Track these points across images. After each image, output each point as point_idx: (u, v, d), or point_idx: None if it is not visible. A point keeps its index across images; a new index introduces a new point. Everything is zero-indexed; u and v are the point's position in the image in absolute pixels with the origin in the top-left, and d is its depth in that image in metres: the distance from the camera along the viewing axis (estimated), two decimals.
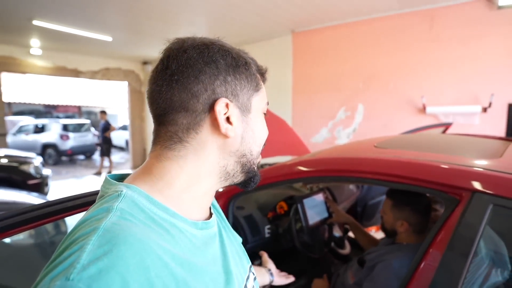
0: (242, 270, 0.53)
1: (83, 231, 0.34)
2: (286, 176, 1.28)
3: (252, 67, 0.48)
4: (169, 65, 0.44)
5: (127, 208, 0.38)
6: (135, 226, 0.36)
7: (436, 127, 2.58)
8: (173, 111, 0.44)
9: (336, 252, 1.80)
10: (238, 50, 0.48)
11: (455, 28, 3.14)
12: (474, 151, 1.16)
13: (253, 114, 0.48)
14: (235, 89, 0.45)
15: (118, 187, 0.41)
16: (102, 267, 0.30)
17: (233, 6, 3.50)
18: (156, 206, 0.41)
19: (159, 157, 0.45)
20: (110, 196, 0.40)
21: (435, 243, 0.88)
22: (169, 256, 0.36)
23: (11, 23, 4.24)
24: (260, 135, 0.50)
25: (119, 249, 0.32)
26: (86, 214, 0.39)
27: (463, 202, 0.86)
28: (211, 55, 0.44)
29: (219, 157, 0.46)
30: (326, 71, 4.08)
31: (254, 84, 0.48)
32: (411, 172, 0.95)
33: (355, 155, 1.14)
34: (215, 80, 0.44)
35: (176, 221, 0.42)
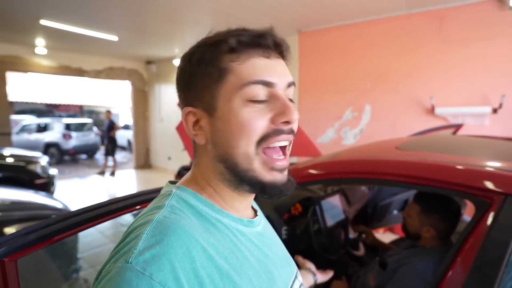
0: (289, 273, 0.53)
1: (140, 223, 0.39)
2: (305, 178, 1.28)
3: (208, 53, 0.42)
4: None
5: (176, 204, 0.42)
6: (184, 219, 0.39)
7: (447, 128, 2.57)
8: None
9: (351, 254, 1.80)
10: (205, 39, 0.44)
11: (465, 29, 3.13)
12: (498, 153, 1.15)
13: (220, 111, 0.42)
14: (196, 91, 0.43)
15: (170, 188, 0.46)
16: (155, 253, 0.34)
17: (239, 5, 3.49)
18: (202, 203, 0.44)
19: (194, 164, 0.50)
20: (163, 195, 0.45)
21: (465, 248, 0.87)
22: (214, 249, 0.39)
23: (18, 22, 4.23)
24: (234, 132, 0.41)
25: (169, 239, 0.35)
26: (144, 210, 0.44)
27: (495, 205, 0.85)
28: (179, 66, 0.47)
29: (212, 164, 0.45)
30: (333, 71, 4.06)
31: (215, 74, 0.41)
32: (439, 175, 0.94)
33: (379, 157, 1.14)
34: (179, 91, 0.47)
35: (221, 217, 0.44)
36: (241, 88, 0.41)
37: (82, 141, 9.60)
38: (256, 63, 0.42)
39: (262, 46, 0.42)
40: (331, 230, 1.48)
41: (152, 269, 0.32)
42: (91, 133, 9.99)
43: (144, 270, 0.32)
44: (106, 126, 7.27)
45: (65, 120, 9.75)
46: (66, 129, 9.33)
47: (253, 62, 0.41)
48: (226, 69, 0.41)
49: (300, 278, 0.57)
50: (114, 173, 7.24)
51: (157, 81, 7.36)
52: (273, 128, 0.42)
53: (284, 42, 0.45)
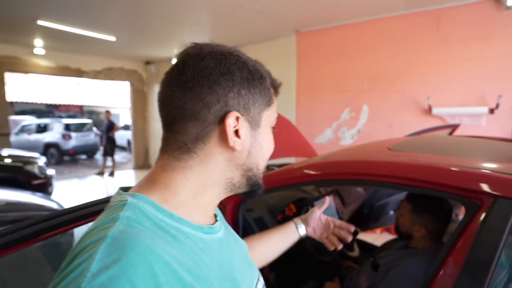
0: (251, 276, 0.53)
1: (91, 240, 0.35)
2: (298, 179, 1.27)
3: (267, 81, 0.48)
4: (184, 71, 0.43)
5: (133, 215, 0.39)
6: (143, 233, 0.37)
7: (443, 129, 2.56)
8: (184, 119, 0.44)
9: (346, 255, 1.79)
10: (255, 63, 0.48)
11: (462, 29, 3.12)
12: (492, 154, 1.14)
13: (262, 128, 0.48)
14: (248, 103, 0.45)
15: (123, 197, 0.42)
16: (113, 274, 0.30)
17: (237, 6, 3.49)
18: (161, 213, 0.41)
19: (164, 167, 0.45)
20: (116, 206, 0.41)
21: (455, 249, 0.87)
22: (177, 262, 0.37)
23: (16, 23, 4.23)
24: (267, 149, 0.50)
25: (129, 256, 0.32)
26: (93, 224, 0.39)
27: (485, 207, 0.84)
28: (228, 66, 0.44)
29: (225, 169, 0.46)
30: (331, 72, 4.06)
31: (267, 98, 0.48)
32: (430, 176, 0.94)
33: (370, 158, 1.13)
34: (229, 92, 0.43)
35: (182, 226, 0.42)
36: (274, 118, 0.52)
37: (82, 141, 9.61)
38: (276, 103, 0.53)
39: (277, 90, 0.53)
40: None
41: None
42: (90, 134, 10.00)
43: None
44: (105, 126, 7.27)
45: (65, 121, 9.77)
46: (65, 130, 9.34)
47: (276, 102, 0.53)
48: (272, 100, 0.50)
49: (261, 279, 0.58)
50: (113, 174, 7.24)
51: (156, 81, 7.37)
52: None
53: None
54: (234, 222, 1.43)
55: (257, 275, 0.56)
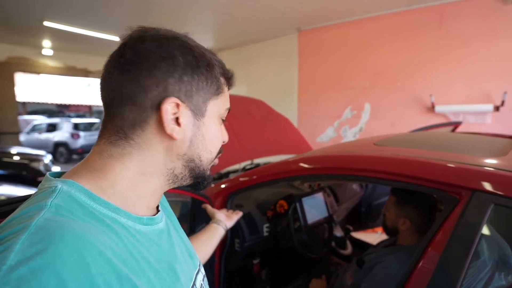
0: (191, 267, 0.52)
1: (10, 230, 0.31)
2: (283, 174, 1.27)
3: (216, 69, 0.46)
4: (124, 53, 0.42)
5: (63, 203, 0.36)
6: (74, 222, 0.34)
7: (445, 126, 2.51)
8: (120, 103, 0.41)
9: (338, 253, 1.77)
10: (204, 50, 0.46)
11: (466, 24, 3.05)
12: (478, 149, 1.11)
13: (207, 118, 0.46)
14: (190, 90, 0.43)
15: (53, 183, 0.38)
16: (35, 267, 0.28)
17: (239, 4, 3.49)
18: (95, 202, 0.39)
19: (102, 154, 0.43)
20: (43, 192, 0.37)
21: (433, 243, 0.85)
22: (112, 253, 0.34)
23: (23, 24, 4.34)
24: (212, 141, 0.48)
25: (56, 247, 0.30)
26: (15, 212, 0.35)
27: (463, 201, 0.82)
28: (170, 50, 0.42)
29: (165, 159, 0.44)
30: (332, 70, 4.03)
31: (215, 87, 0.46)
32: (408, 170, 0.92)
33: (354, 152, 1.12)
34: (170, 77, 0.41)
35: (118, 217, 0.40)
36: (224, 109, 0.50)
37: (90, 140, 9.77)
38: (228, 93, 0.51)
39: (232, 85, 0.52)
40: (313, 228, 1.46)
41: (31, 286, 0.27)
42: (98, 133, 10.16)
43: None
44: None
45: (74, 120, 9.96)
46: (74, 129, 9.52)
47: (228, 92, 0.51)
48: (222, 90, 0.48)
49: (202, 270, 0.57)
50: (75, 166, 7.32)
51: None
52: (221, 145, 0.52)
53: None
54: None
55: (198, 266, 0.55)
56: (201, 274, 0.55)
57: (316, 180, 1.73)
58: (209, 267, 1.41)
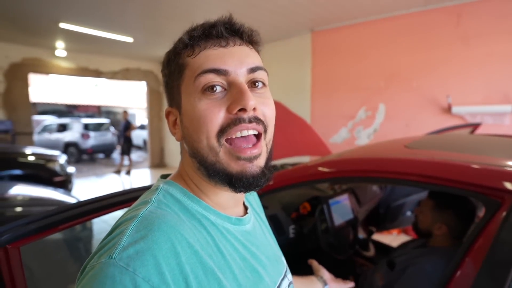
0: (277, 272, 0.52)
1: (125, 218, 0.39)
2: (312, 177, 1.27)
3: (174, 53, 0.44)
4: None
5: (163, 199, 0.42)
6: (170, 215, 0.39)
7: (463, 128, 2.48)
8: None
9: (361, 254, 1.77)
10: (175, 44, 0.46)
11: (484, 24, 3.02)
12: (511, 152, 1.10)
13: (184, 107, 0.42)
14: (170, 92, 0.47)
15: (158, 183, 0.47)
16: (139, 249, 0.33)
17: (252, 5, 3.50)
18: (189, 199, 0.44)
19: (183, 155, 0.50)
20: (151, 190, 0.45)
21: (474, 248, 0.84)
22: (199, 246, 0.39)
23: (39, 26, 4.40)
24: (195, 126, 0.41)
25: (154, 234, 0.35)
26: (131, 206, 0.43)
27: (506, 205, 0.82)
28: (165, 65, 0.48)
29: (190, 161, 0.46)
30: (346, 70, 4.01)
31: (176, 71, 0.43)
32: (448, 174, 0.92)
33: (387, 155, 1.12)
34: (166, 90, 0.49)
35: (208, 214, 0.44)
36: (194, 80, 0.40)
37: (100, 140, 9.87)
38: (209, 54, 0.41)
39: (214, 36, 0.42)
40: (339, 230, 1.47)
41: (136, 264, 0.32)
42: (108, 133, 10.26)
43: (128, 266, 0.32)
44: (122, 126, 7.45)
45: (84, 120, 10.06)
46: (84, 129, 9.63)
47: (206, 53, 0.41)
48: (183, 65, 0.42)
49: (289, 277, 0.57)
50: (129, 172, 7.41)
51: None
52: (231, 118, 0.40)
53: (244, 27, 0.44)
54: None
55: (284, 272, 0.56)
56: (287, 280, 0.55)
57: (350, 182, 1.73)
58: None
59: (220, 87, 0.41)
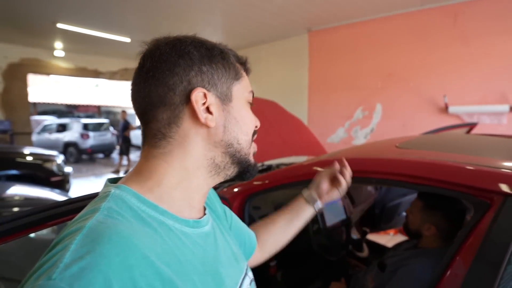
0: (238, 271, 0.53)
1: (69, 230, 0.35)
2: (304, 177, 1.26)
3: (230, 56, 0.48)
4: (144, 64, 0.45)
5: (115, 206, 0.39)
6: (122, 224, 0.36)
7: (460, 128, 2.47)
8: (153, 107, 0.44)
9: (354, 255, 1.76)
10: (214, 42, 0.49)
11: (481, 23, 3.00)
12: (504, 152, 1.09)
13: (234, 102, 0.48)
14: (212, 78, 0.45)
15: (108, 188, 0.43)
16: (84, 265, 0.30)
17: (249, 5, 3.49)
18: (145, 204, 0.41)
19: (147, 157, 0.46)
20: (99, 197, 0.41)
21: (463, 249, 0.83)
22: (155, 255, 0.36)
23: (37, 26, 4.41)
24: (244, 124, 0.49)
25: (103, 247, 0.32)
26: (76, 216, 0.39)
27: (495, 206, 0.81)
28: (183, 47, 0.45)
29: (204, 148, 0.46)
30: (343, 70, 4.00)
31: (234, 73, 0.48)
32: (436, 174, 0.91)
33: (377, 155, 1.11)
34: (190, 71, 0.44)
35: (165, 219, 0.42)
36: (248, 92, 0.51)
37: (99, 140, 9.87)
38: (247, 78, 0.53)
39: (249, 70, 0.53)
40: (331, 231, 1.45)
41: (81, 284, 0.29)
42: (107, 133, 10.26)
43: (71, 286, 0.28)
44: (121, 126, 7.45)
45: (83, 121, 10.07)
46: (84, 129, 9.63)
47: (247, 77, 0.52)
48: (241, 74, 0.50)
49: (250, 274, 0.57)
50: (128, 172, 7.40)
51: None
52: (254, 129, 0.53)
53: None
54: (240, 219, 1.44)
55: (245, 270, 0.55)
56: (248, 278, 0.55)
57: None
58: None
59: None
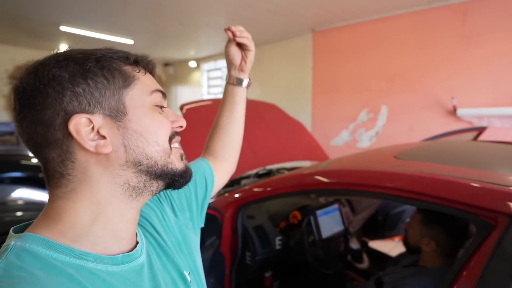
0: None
1: None
2: (297, 187, 1.20)
3: (112, 61, 0.42)
4: (14, 106, 0.40)
5: (16, 261, 0.34)
6: (23, 281, 0.32)
7: (467, 132, 2.37)
8: (40, 148, 0.40)
9: (353, 267, 1.69)
10: (91, 50, 0.43)
11: (491, 22, 2.88)
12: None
13: (131, 114, 0.42)
14: (93, 97, 0.40)
15: (8, 241, 0.37)
16: None
17: (252, 6, 3.44)
18: (56, 251, 0.37)
19: (52, 199, 0.41)
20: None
21: (466, 272, 0.76)
22: None
23: (41, 29, 4.44)
24: (151, 132, 0.43)
25: None
26: None
27: (499, 227, 0.74)
28: (47, 72, 0.39)
29: (111, 176, 0.41)
30: (348, 71, 3.91)
31: (121, 80, 0.42)
32: (435, 190, 0.84)
33: (373, 167, 1.04)
34: (62, 98, 0.38)
35: (84, 262, 0.37)
36: (149, 94, 0.45)
37: None
38: (150, 77, 0.48)
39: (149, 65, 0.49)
40: (328, 242, 1.39)
41: None
42: None
43: None
44: None
45: None
46: None
47: (148, 76, 0.47)
48: (133, 77, 0.44)
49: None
50: None
51: (173, 82, 7.50)
52: (173, 131, 0.48)
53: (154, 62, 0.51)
54: (233, 229, 1.39)
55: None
56: None
57: (333, 195, 1.65)
58: (219, 280, 1.36)
59: (162, 105, 0.48)
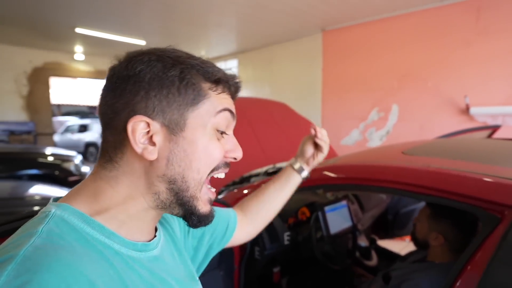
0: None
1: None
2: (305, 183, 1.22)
3: (192, 75, 0.42)
4: (106, 81, 0.44)
5: (56, 228, 0.35)
6: (63, 248, 0.33)
7: (480, 131, 2.33)
8: (104, 127, 0.43)
9: (362, 263, 1.69)
10: (183, 58, 0.42)
11: (506, 18, 2.82)
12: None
13: (189, 132, 0.42)
14: (160, 104, 0.40)
15: (48, 207, 0.39)
16: None
17: (262, 6, 3.47)
18: (90, 226, 0.38)
19: (94, 176, 0.43)
20: (37, 218, 0.37)
21: (471, 265, 0.77)
22: (102, 282, 0.34)
23: (57, 31, 4.59)
24: (197, 157, 0.42)
25: (42, 277, 0.29)
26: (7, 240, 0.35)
27: (506, 221, 0.74)
28: (135, 67, 0.41)
29: (148, 182, 0.42)
30: (358, 70, 3.89)
31: (191, 97, 0.42)
32: (441, 184, 0.84)
33: (380, 162, 1.05)
34: (135, 95, 0.40)
35: (111, 243, 0.39)
36: (215, 115, 0.43)
37: None
38: (225, 97, 0.46)
39: (232, 86, 0.47)
40: (336, 238, 1.40)
41: None
42: None
43: None
44: None
45: None
46: None
47: (224, 95, 0.45)
48: (204, 96, 0.43)
49: None
50: None
51: None
52: (224, 161, 0.46)
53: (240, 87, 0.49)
54: None
55: None
56: None
57: (340, 190, 1.66)
58: (228, 275, 1.39)
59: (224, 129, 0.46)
